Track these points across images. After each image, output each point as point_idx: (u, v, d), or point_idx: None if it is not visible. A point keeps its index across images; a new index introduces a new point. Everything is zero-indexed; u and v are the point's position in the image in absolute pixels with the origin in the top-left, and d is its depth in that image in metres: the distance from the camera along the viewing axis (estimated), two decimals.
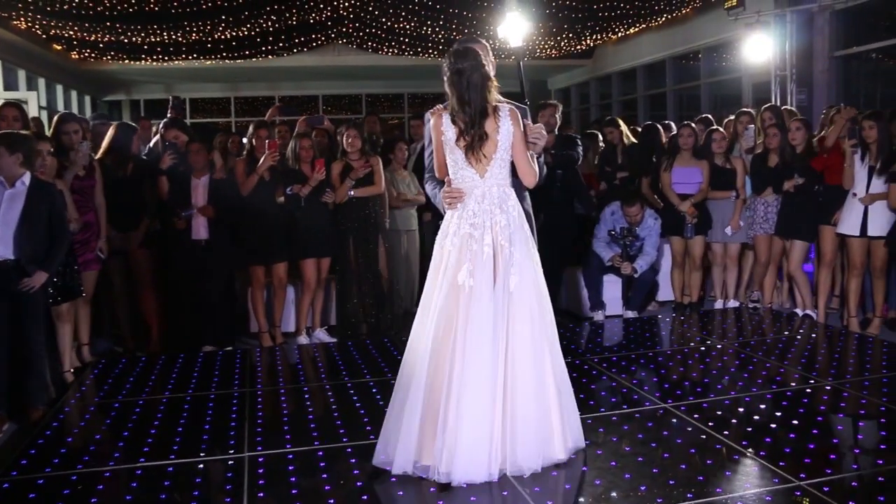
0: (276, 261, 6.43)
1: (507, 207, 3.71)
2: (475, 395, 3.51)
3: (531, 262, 3.71)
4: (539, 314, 3.67)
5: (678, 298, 7.30)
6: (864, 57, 11.28)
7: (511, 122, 3.67)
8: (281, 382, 5.33)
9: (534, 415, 3.59)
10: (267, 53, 15.38)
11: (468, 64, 3.63)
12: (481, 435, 3.51)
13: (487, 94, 3.64)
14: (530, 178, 3.76)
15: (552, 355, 3.70)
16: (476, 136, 3.64)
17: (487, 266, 3.62)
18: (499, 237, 3.66)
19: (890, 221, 6.16)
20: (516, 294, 3.63)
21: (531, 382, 3.60)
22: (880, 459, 3.84)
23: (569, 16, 12.60)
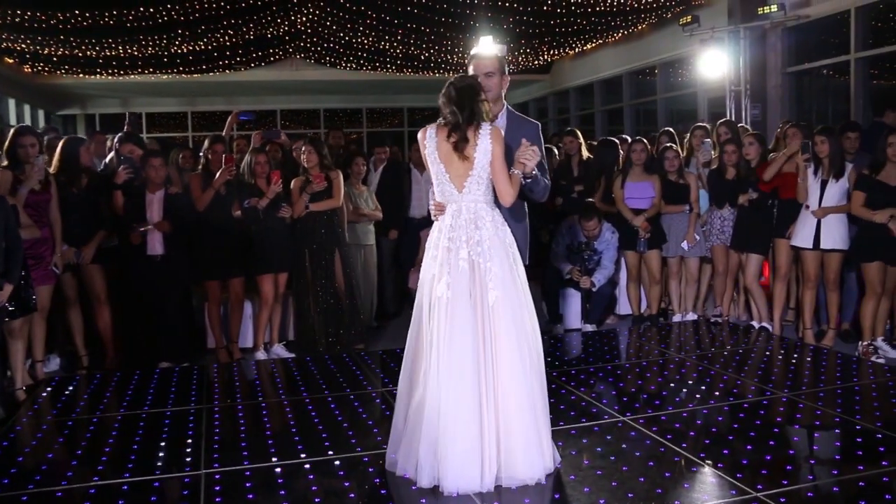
0: (232, 276, 6.36)
1: (482, 224, 3.74)
2: (457, 406, 3.54)
3: (513, 277, 3.73)
4: (524, 329, 3.70)
5: (635, 312, 7.36)
6: (816, 73, 11.55)
7: (490, 141, 3.70)
8: (238, 398, 5.25)
9: (525, 427, 3.61)
10: (224, 68, 15.30)
11: (465, 80, 3.79)
12: (469, 446, 3.54)
13: (476, 105, 3.72)
14: (507, 197, 3.76)
15: (538, 371, 3.72)
16: (461, 137, 3.70)
17: (464, 279, 3.67)
18: (474, 252, 3.70)
19: (843, 235, 6.28)
20: (497, 309, 3.65)
21: (522, 395, 3.62)
22: (835, 470, 3.90)
23: (526, 31, 12.70)
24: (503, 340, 3.64)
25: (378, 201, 7.52)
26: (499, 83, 4.07)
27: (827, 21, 10.69)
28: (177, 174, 6.76)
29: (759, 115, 11.37)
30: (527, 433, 3.62)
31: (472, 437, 3.54)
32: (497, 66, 4.06)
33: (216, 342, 6.51)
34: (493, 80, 4.03)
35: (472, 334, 3.61)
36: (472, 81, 3.82)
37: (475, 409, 3.55)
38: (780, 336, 6.65)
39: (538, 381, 3.71)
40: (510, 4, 11.10)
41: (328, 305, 6.49)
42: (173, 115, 21.23)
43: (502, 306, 3.66)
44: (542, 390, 3.72)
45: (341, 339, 6.51)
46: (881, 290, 6.11)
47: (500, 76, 4.06)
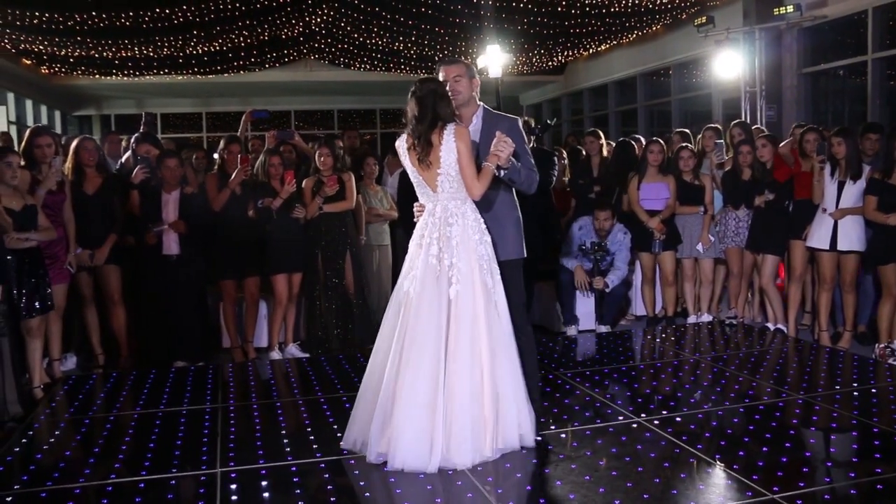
0: (247, 276, 6.39)
1: (453, 221, 3.99)
2: (412, 392, 3.81)
3: (478, 272, 3.95)
4: (484, 322, 3.91)
5: (650, 313, 7.34)
6: (832, 74, 11.49)
7: (455, 140, 3.93)
8: (253, 398, 5.27)
9: (469, 415, 3.84)
10: (238, 69, 15.37)
11: (425, 86, 4.01)
12: (420, 428, 3.79)
13: (439, 110, 3.95)
14: (473, 192, 3.98)
15: (495, 362, 3.92)
16: (423, 149, 3.96)
17: (430, 275, 3.93)
18: (444, 248, 3.95)
19: (860, 236, 6.24)
20: (457, 302, 3.90)
21: (467, 385, 3.84)
22: (852, 472, 3.88)
23: (541, 32, 12.70)
24: (463, 334, 3.88)
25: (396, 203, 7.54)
26: (468, 86, 4.22)
27: (843, 21, 10.63)
28: (192, 174, 6.79)
29: (774, 116, 11.32)
30: (471, 423, 3.83)
31: (424, 422, 3.79)
32: (463, 71, 4.22)
33: (231, 342, 6.54)
34: (461, 83, 4.18)
35: (434, 327, 3.87)
36: (433, 86, 4.02)
37: (430, 397, 3.80)
38: (795, 338, 6.61)
39: (492, 372, 3.90)
40: (524, 5, 11.10)
41: (338, 306, 6.51)
42: (188, 116, 21.34)
43: (463, 301, 3.90)
44: (498, 379, 3.91)
45: (351, 339, 6.52)
46: None
47: (468, 79, 4.21)
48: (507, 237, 4.24)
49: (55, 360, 5.84)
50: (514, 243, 4.27)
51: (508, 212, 4.28)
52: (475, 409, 3.86)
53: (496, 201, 4.23)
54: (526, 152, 4.22)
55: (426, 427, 3.80)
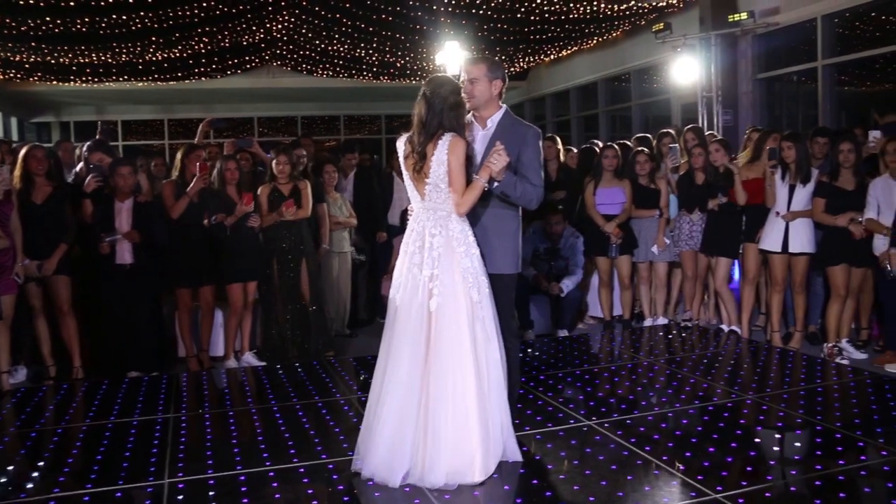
0: (202, 284, 6.35)
1: (437, 231, 3.84)
2: (392, 404, 3.74)
3: (462, 286, 3.79)
4: (468, 338, 3.75)
5: (606, 317, 7.41)
6: (786, 79, 11.67)
7: (446, 152, 3.77)
8: (206, 407, 5.24)
9: (449, 434, 3.68)
10: (200, 75, 15.27)
11: (437, 92, 3.83)
12: (395, 441, 3.73)
13: (444, 120, 3.80)
14: (458, 208, 3.84)
15: (481, 377, 3.76)
16: (418, 159, 3.85)
17: (412, 285, 3.82)
18: (427, 259, 3.81)
19: (810, 238, 6.35)
20: (438, 314, 3.76)
21: (449, 402, 3.69)
22: (793, 470, 3.96)
23: (501, 38, 12.76)
24: (444, 350, 3.73)
25: (354, 208, 7.54)
26: (486, 88, 4.05)
27: (795, 28, 10.81)
28: (146, 182, 6.74)
29: (730, 120, 11.46)
30: (455, 437, 3.69)
31: (398, 436, 3.72)
32: (483, 71, 4.04)
33: (187, 351, 6.49)
34: (477, 86, 4.03)
35: (412, 340, 3.76)
36: (445, 93, 3.84)
37: (406, 411, 3.72)
38: (748, 339, 6.71)
39: (477, 389, 3.73)
40: (485, 12, 11.15)
41: (295, 314, 6.49)
42: (150, 123, 21.13)
43: (445, 314, 3.75)
44: (483, 398, 3.75)
45: (307, 347, 6.50)
46: (845, 292, 6.19)
47: (487, 81, 4.04)
48: (500, 251, 4.10)
49: (4, 372, 5.75)
50: (508, 257, 4.13)
51: (505, 224, 4.12)
52: (457, 430, 3.70)
53: (495, 215, 4.10)
54: (536, 165, 4.06)
55: (399, 442, 3.72)
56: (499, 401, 3.81)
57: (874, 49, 10.01)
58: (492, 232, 4.08)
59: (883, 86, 10.82)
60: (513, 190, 3.96)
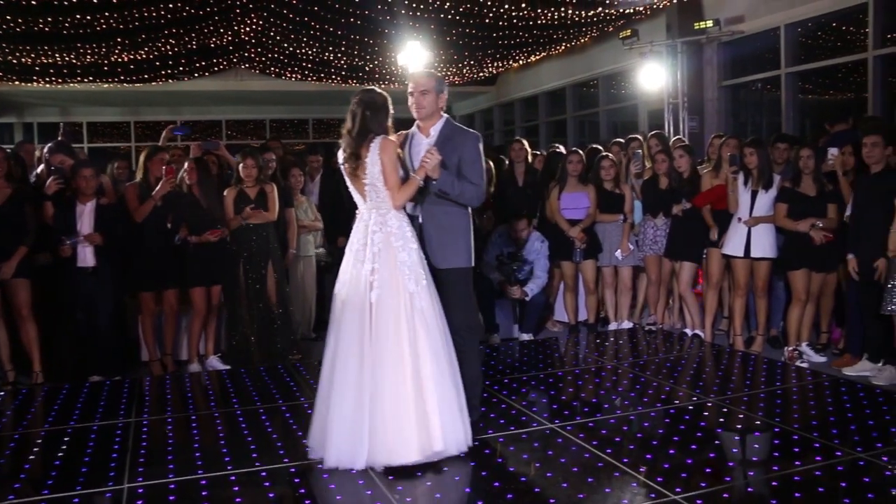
0: (166, 287, 6.29)
1: (377, 228, 4.14)
2: (339, 394, 3.99)
3: (400, 279, 4.07)
4: (406, 327, 4.02)
5: (571, 321, 7.45)
6: (750, 86, 11.83)
7: (378, 153, 4.10)
8: (169, 411, 5.19)
9: (389, 417, 3.93)
10: (167, 77, 15.10)
11: (362, 98, 4.20)
12: (353, 428, 3.95)
13: (369, 123, 4.14)
14: (394, 202, 4.15)
15: (421, 366, 4.01)
16: (352, 162, 4.18)
17: (355, 280, 4.12)
18: (368, 255, 4.11)
19: (772, 243, 6.44)
20: (378, 307, 4.03)
21: (388, 388, 3.95)
22: (751, 471, 4.02)
23: (469, 43, 12.79)
24: (384, 339, 4.00)
25: (320, 211, 7.53)
26: (434, 100, 4.40)
27: (760, 37, 10.97)
28: (109, 184, 6.67)
29: (696, 126, 11.59)
30: (394, 420, 3.93)
31: (351, 424, 3.94)
32: (432, 84, 4.40)
33: (150, 355, 6.43)
34: (427, 97, 4.39)
35: (357, 331, 4.04)
36: (369, 98, 4.19)
37: (356, 400, 3.95)
38: (711, 343, 6.79)
39: (412, 375, 3.98)
40: (453, 17, 11.17)
41: (260, 317, 6.46)
42: (116, 125, 20.87)
43: (385, 306, 4.03)
44: (438, 386, 4.00)
45: (272, 350, 6.48)
46: (806, 297, 6.29)
47: (435, 94, 4.40)
48: (451, 246, 4.40)
49: None
50: (460, 252, 4.42)
51: (455, 222, 4.42)
52: (398, 413, 3.94)
53: (442, 212, 4.39)
54: (477, 166, 4.37)
55: (354, 429, 3.94)
56: (438, 387, 4.02)
57: (835, 58, 10.18)
58: (442, 230, 4.39)
59: (845, 94, 11.01)
60: (451, 188, 4.28)
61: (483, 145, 4.53)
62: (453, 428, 4.05)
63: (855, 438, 4.33)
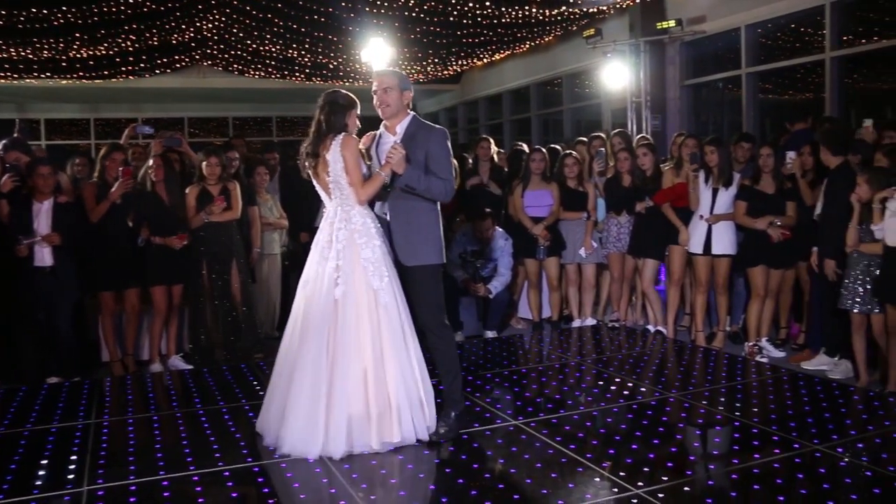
0: (127, 287, 6.21)
1: (342, 225, 4.20)
2: (299, 385, 4.09)
3: (362, 275, 4.14)
4: (368, 322, 4.11)
5: (535, 318, 7.49)
6: (712, 86, 11.96)
7: (339, 149, 4.15)
8: (130, 412, 5.12)
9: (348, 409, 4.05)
10: (128, 74, 14.91)
11: (326, 99, 4.27)
12: (305, 419, 4.06)
13: (331, 121, 4.21)
14: (357, 197, 4.20)
15: (383, 360, 4.12)
16: (313, 160, 4.26)
17: (320, 276, 4.18)
18: (332, 251, 4.18)
19: (732, 240, 6.53)
20: (343, 303, 4.10)
21: (349, 381, 4.05)
22: (712, 465, 4.07)
23: (433, 41, 12.79)
24: (347, 333, 4.08)
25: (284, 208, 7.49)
26: (398, 98, 4.36)
27: (721, 37, 11.10)
28: (67, 182, 6.56)
29: (659, 125, 11.71)
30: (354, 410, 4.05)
31: (310, 413, 4.05)
32: (395, 82, 4.36)
33: (111, 355, 6.35)
34: (391, 94, 4.34)
35: (321, 326, 4.10)
36: (330, 98, 4.27)
37: (316, 390, 4.04)
38: (673, 339, 6.86)
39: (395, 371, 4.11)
40: (417, 14, 11.16)
41: (224, 316, 6.40)
42: (75, 122, 20.54)
43: (348, 301, 4.10)
44: (398, 380, 4.11)
45: (237, 349, 6.43)
46: (765, 293, 6.39)
47: (399, 92, 4.35)
48: (418, 243, 4.35)
49: None
50: (428, 250, 4.36)
51: (423, 218, 4.37)
52: (356, 405, 4.06)
53: (410, 208, 4.35)
54: (444, 161, 4.33)
55: (311, 418, 4.04)
56: (400, 382, 4.12)
57: (794, 59, 10.34)
58: (409, 226, 4.35)
59: (803, 94, 11.18)
60: (417, 183, 4.24)
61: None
62: (414, 421, 4.17)
63: (812, 431, 4.40)
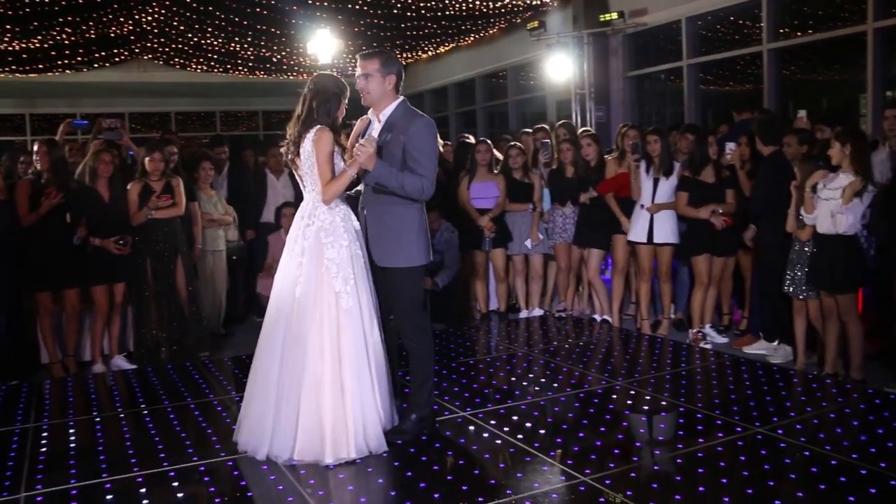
0: (65, 287, 6.06)
1: (312, 221, 4.04)
2: (259, 384, 4.03)
3: (325, 276, 3.96)
4: (328, 326, 3.93)
5: (483, 309, 7.51)
6: (655, 77, 12.12)
7: (311, 144, 3.97)
8: (71, 414, 5.01)
9: (297, 415, 3.91)
10: (64, 68, 14.52)
11: (313, 85, 4.06)
12: (261, 418, 3.99)
13: (316, 112, 4.00)
14: (324, 196, 4.01)
15: (342, 365, 3.94)
16: (293, 150, 4.08)
17: (286, 273, 4.07)
18: (298, 249, 4.05)
19: (673, 229, 6.63)
20: (300, 302, 3.96)
21: (303, 387, 3.90)
22: (657, 450, 4.14)
23: (377, 34, 12.72)
24: (303, 336, 3.93)
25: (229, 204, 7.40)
26: (380, 84, 4.09)
27: (662, 29, 11.25)
28: (2, 180, 6.36)
29: (603, 117, 11.82)
30: (306, 418, 3.90)
31: (263, 414, 3.97)
32: (377, 67, 4.08)
33: (50, 357, 6.19)
34: (371, 82, 4.08)
35: (279, 324, 4.00)
36: (320, 85, 4.05)
37: (269, 391, 3.96)
38: (619, 327, 6.94)
39: (353, 377, 3.94)
40: (360, 6, 11.09)
41: (170, 314, 6.29)
42: (9, 118, 19.94)
43: (307, 302, 3.95)
44: (352, 385, 3.93)
45: (184, 347, 6.33)
46: (708, 280, 6.50)
47: (380, 77, 4.08)
48: (392, 244, 4.14)
49: None
50: (402, 251, 4.14)
51: (398, 218, 4.13)
52: (307, 413, 3.88)
53: (387, 206, 4.12)
54: (422, 156, 4.04)
55: (261, 418, 3.97)
56: (357, 390, 3.95)
57: (733, 51, 10.53)
58: (384, 226, 4.15)
59: (743, 86, 11.40)
60: (388, 180, 4.00)
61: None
62: (367, 435, 3.97)
63: (754, 414, 4.50)
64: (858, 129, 6.48)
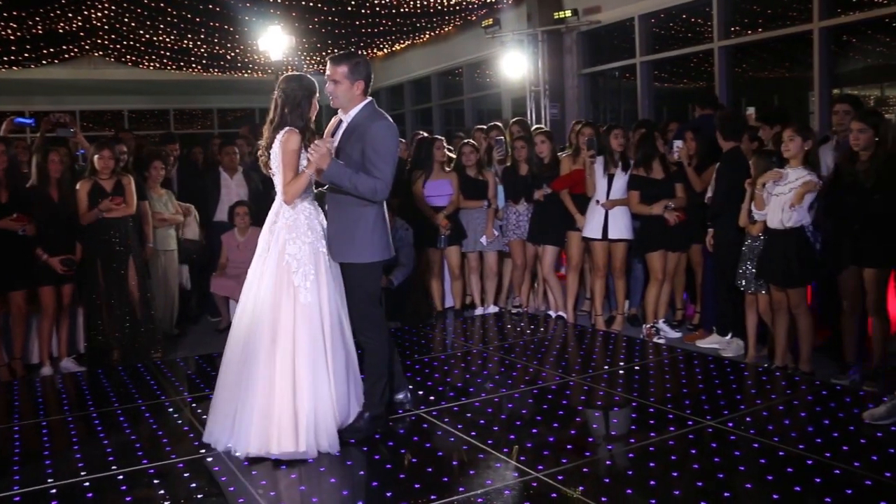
0: (11, 289, 5.92)
1: (279, 220, 4.14)
2: (223, 374, 4.15)
3: (285, 272, 4.05)
4: (287, 321, 4.00)
5: (438, 307, 7.51)
6: (609, 75, 12.24)
7: (278, 144, 4.05)
8: (16, 419, 4.89)
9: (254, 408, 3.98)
10: (11, 64, 14.22)
11: (284, 89, 4.09)
12: (222, 414, 4.10)
13: (287, 115, 4.06)
14: (284, 196, 4.11)
15: (296, 361, 3.99)
16: (265, 154, 4.17)
17: (254, 268, 4.17)
18: (264, 245, 4.17)
19: (628, 225, 6.68)
20: (262, 297, 4.06)
21: (259, 382, 3.98)
22: (610, 445, 4.17)
23: (332, 31, 12.65)
24: (260, 328, 4.03)
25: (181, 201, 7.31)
26: (348, 89, 4.14)
27: (616, 27, 11.36)
28: None
29: (557, 114, 11.89)
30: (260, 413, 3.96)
31: (226, 409, 4.08)
32: (346, 72, 4.12)
33: None
34: (339, 87, 4.14)
35: (243, 321, 4.11)
36: (290, 89, 4.08)
37: (232, 387, 4.07)
38: (574, 323, 6.99)
39: (308, 374, 3.99)
40: (315, 4, 11.01)
41: (121, 315, 6.18)
42: None
43: (268, 298, 4.04)
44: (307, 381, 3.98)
45: (136, 348, 6.22)
46: (663, 276, 6.57)
47: (349, 83, 4.13)
48: (345, 240, 4.19)
49: None
50: (355, 248, 4.18)
51: (352, 215, 4.17)
52: (262, 404, 3.95)
53: (341, 205, 4.20)
54: (377, 158, 4.06)
55: (225, 413, 4.08)
56: (311, 386, 3.98)
57: (685, 48, 10.67)
58: (339, 222, 4.21)
59: (696, 83, 11.56)
60: (342, 180, 4.06)
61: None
62: (318, 433, 3.96)
63: (705, 408, 4.56)
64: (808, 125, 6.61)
